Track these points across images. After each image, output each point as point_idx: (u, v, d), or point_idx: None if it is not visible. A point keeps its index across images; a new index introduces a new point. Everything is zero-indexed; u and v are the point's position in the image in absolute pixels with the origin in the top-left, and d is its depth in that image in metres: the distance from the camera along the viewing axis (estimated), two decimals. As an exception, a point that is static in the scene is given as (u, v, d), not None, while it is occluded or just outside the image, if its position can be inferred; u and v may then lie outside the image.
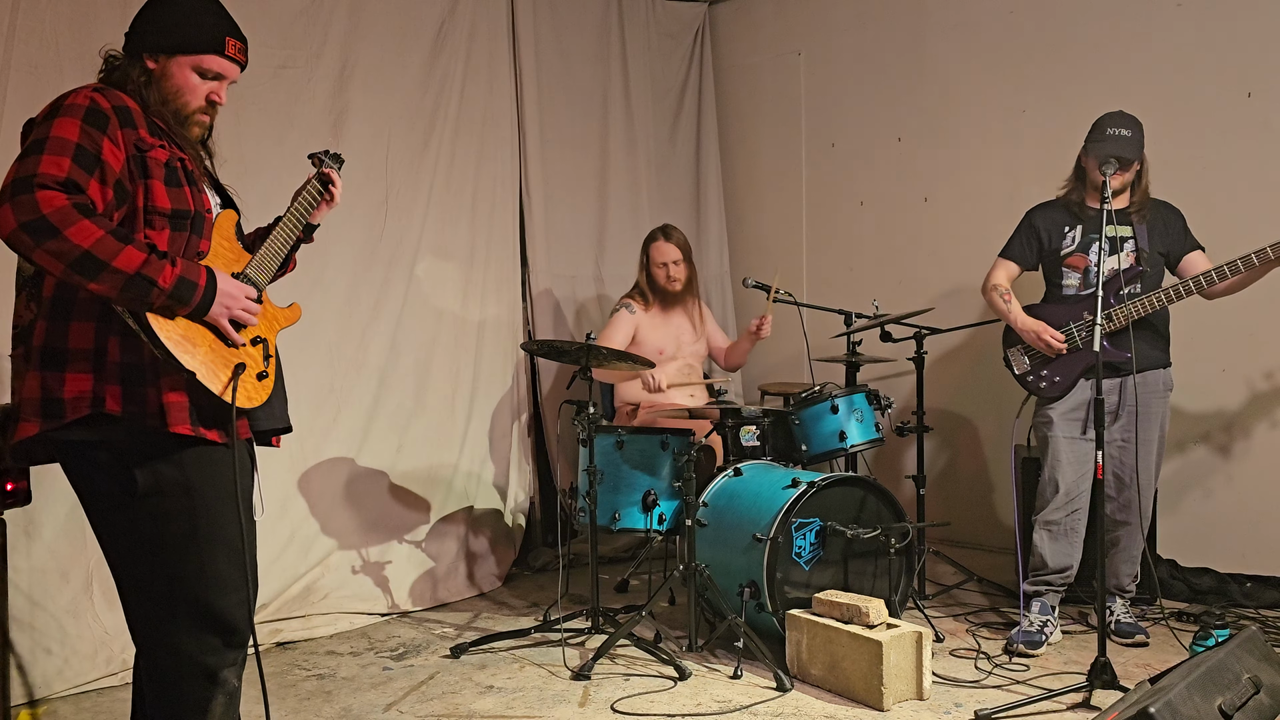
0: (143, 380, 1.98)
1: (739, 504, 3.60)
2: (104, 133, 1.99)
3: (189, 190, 2.10)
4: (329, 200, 2.43)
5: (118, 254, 1.91)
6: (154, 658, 2.09)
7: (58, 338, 1.99)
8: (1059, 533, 3.58)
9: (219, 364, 2.05)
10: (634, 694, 3.17)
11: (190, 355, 1.99)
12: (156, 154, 2.06)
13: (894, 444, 4.97)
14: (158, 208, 2.05)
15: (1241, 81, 4.13)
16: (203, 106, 2.20)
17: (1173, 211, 3.62)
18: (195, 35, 2.16)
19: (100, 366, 1.98)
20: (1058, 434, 3.56)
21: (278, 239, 2.29)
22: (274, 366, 2.20)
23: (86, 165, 1.96)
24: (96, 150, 1.97)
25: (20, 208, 1.87)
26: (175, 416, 1.98)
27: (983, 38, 4.92)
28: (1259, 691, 2.41)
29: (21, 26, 3.25)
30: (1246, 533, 4.12)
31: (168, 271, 1.96)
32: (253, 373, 2.12)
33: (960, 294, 4.82)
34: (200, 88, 2.18)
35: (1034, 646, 3.46)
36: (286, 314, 2.34)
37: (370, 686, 3.31)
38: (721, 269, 5.87)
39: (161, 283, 1.95)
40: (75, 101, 2.02)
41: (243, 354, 2.12)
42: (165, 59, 2.15)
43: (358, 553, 4.17)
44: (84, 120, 1.99)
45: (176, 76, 2.15)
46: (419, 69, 4.47)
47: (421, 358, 4.43)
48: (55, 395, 1.96)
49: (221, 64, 2.19)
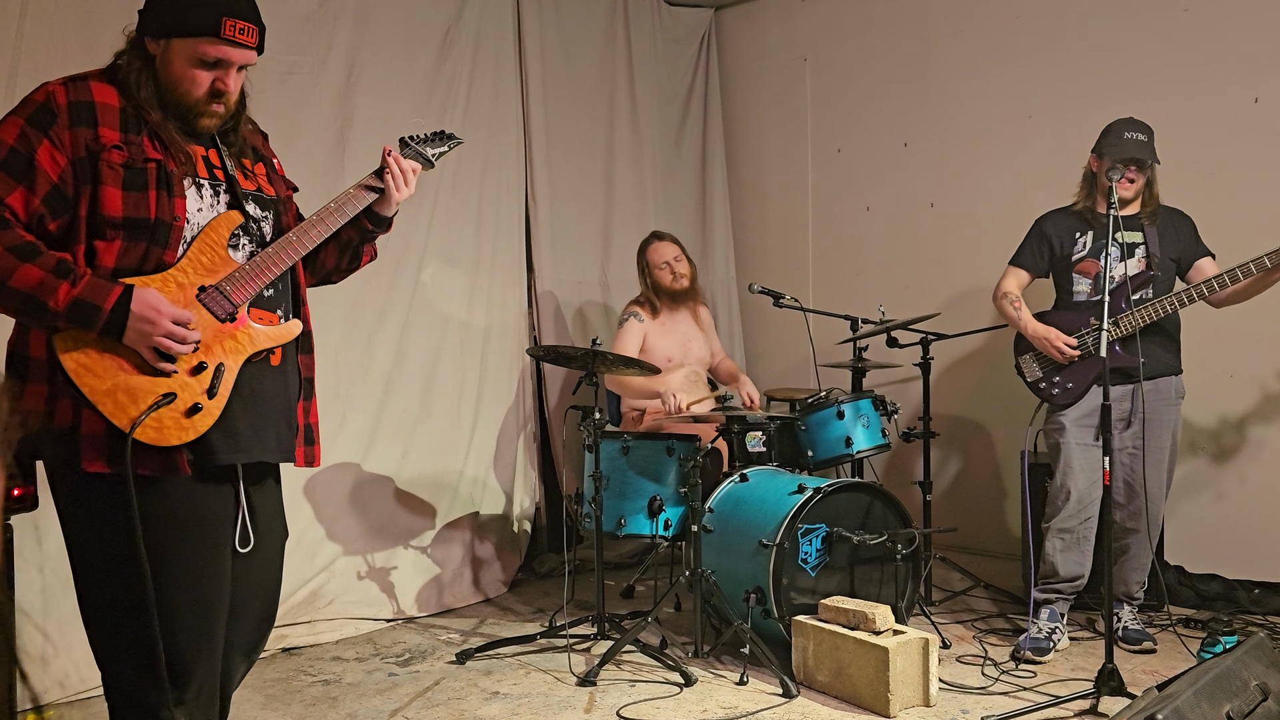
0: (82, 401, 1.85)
1: (745, 510, 3.59)
2: (45, 134, 1.85)
3: (155, 195, 1.92)
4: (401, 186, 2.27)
5: (13, 272, 1.78)
6: (104, 688, 1.99)
7: (21, 343, 1.91)
8: (1072, 541, 3.56)
9: (137, 393, 1.87)
10: (640, 700, 3.16)
11: (96, 382, 1.84)
12: (112, 156, 1.89)
13: (900, 450, 4.96)
14: (107, 216, 1.88)
15: (1248, 86, 4.13)
16: (205, 97, 1.99)
17: (1183, 218, 3.62)
18: (191, 17, 1.94)
19: (53, 379, 1.87)
20: (1070, 440, 3.55)
21: (281, 250, 2.08)
22: (222, 399, 1.96)
23: (14, 172, 1.83)
24: (30, 154, 1.84)
25: None
26: (87, 453, 1.85)
27: (989, 43, 4.91)
28: (1267, 698, 2.40)
29: (29, 33, 3.26)
30: (1254, 539, 4.10)
31: (61, 293, 1.80)
32: (181, 405, 1.90)
33: (966, 299, 4.81)
34: (201, 76, 1.97)
35: (1041, 654, 3.45)
36: (272, 334, 2.07)
37: (376, 692, 3.31)
38: (728, 274, 5.87)
39: (53, 305, 1.80)
40: (33, 97, 1.90)
41: (175, 383, 1.91)
42: (164, 44, 1.97)
43: (363, 558, 4.17)
44: (27, 120, 1.86)
45: (175, 64, 1.96)
46: (425, 75, 4.47)
47: (427, 363, 4.44)
48: (19, 405, 1.85)
49: (220, 48, 1.96)
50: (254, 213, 2.10)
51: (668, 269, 4.54)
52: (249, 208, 2.09)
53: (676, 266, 4.54)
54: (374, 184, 2.27)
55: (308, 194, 2.40)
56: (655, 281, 4.56)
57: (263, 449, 2.07)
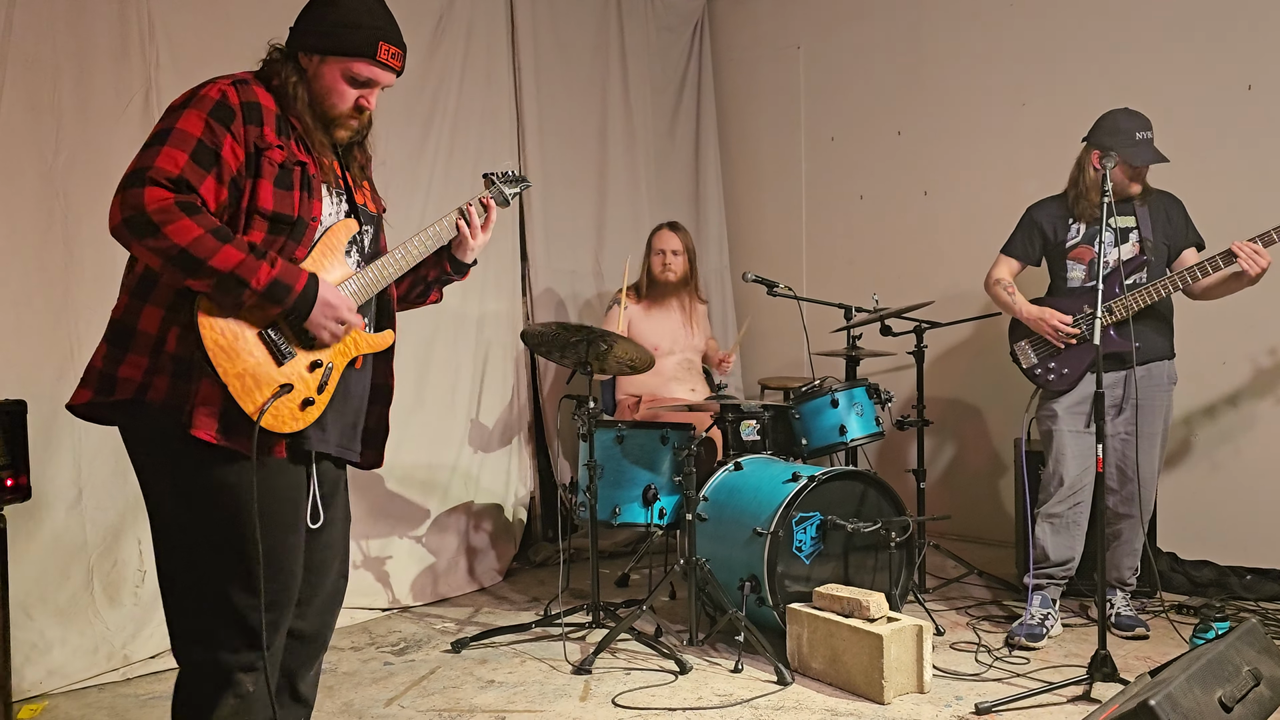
0: (188, 376, 1.96)
1: (739, 498, 3.60)
2: (228, 129, 1.98)
3: (299, 195, 2.07)
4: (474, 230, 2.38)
5: (215, 253, 1.90)
6: (175, 648, 2.09)
7: (131, 315, 2.00)
8: (1060, 526, 3.58)
9: (262, 380, 2.00)
10: (635, 688, 3.17)
11: (230, 364, 1.96)
12: (273, 154, 2.04)
13: (894, 438, 4.97)
14: (260, 208, 2.02)
15: (1242, 74, 4.13)
16: (349, 111, 2.16)
17: (1175, 202, 3.62)
18: (348, 38, 2.11)
19: (157, 354, 1.97)
20: (1062, 428, 3.56)
21: (389, 263, 2.22)
22: (328, 396, 2.12)
23: (204, 163, 1.95)
24: (217, 147, 1.96)
25: (127, 202, 1.88)
26: (201, 420, 1.95)
27: (982, 31, 4.91)
28: (1259, 684, 2.41)
29: (19, 21, 3.24)
30: (1247, 525, 4.11)
31: (263, 272, 1.95)
32: (297, 397, 2.05)
33: (960, 287, 4.81)
34: (349, 92, 2.15)
35: (1035, 640, 3.46)
36: (371, 340, 2.24)
37: (371, 681, 3.31)
38: (721, 263, 5.87)
39: (254, 284, 1.94)
40: (207, 93, 2.00)
41: (292, 374, 2.05)
42: (318, 59, 2.12)
43: (358, 548, 4.17)
44: (210, 114, 1.97)
45: (326, 78, 2.13)
46: (417, 63, 4.45)
47: (421, 353, 4.43)
48: (111, 371, 1.98)
49: (373, 70, 2.14)
50: (364, 224, 2.24)
51: (661, 257, 4.61)
52: (361, 219, 2.24)
53: (670, 259, 4.60)
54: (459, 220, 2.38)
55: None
56: (649, 266, 4.65)
57: (339, 445, 2.22)
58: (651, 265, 4.64)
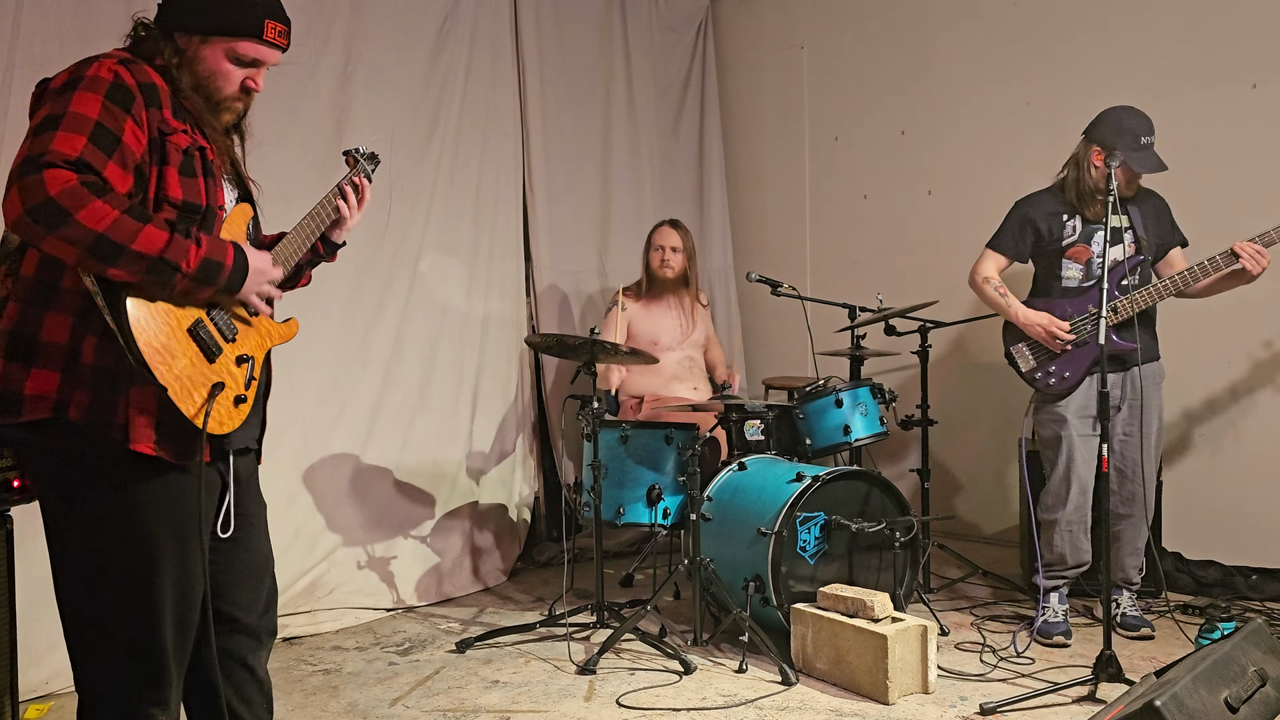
0: (115, 388, 1.80)
1: (743, 498, 3.60)
2: (128, 112, 1.82)
3: (204, 182, 1.93)
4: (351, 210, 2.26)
5: (136, 235, 1.74)
6: (82, 687, 1.92)
7: (31, 325, 1.81)
8: (1080, 531, 3.58)
9: (197, 380, 1.85)
10: (639, 688, 3.17)
11: (167, 367, 1.80)
12: (178, 139, 1.89)
13: (898, 437, 4.96)
14: (168, 197, 1.87)
15: (1246, 72, 4.12)
16: (236, 93, 2.02)
17: (1161, 201, 3.61)
18: (231, 17, 1.96)
19: (72, 367, 1.79)
20: (1073, 433, 3.52)
21: (288, 246, 2.12)
22: (254, 390, 2.00)
23: (105, 146, 1.78)
24: (118, 131, 1.80)
25: (26, 190, 1.69)
26: (139, 433, 1.80)
27: (986, 30, 4.91)
28: (1265, 684, 2.41)
29: (26, 25, 3.25)
30: (1252, 525, 4.11)
31: (192, 253, 1.81)
32: (230, 395, 1.92)
33: (964, 287, 4.77)
34: (235, 73, 2.00)
35: (1067, 635, 3.47)
36: (281, 330, 2.12)
37: (376, 681, 3.32)
38: (725, 263, 5.87)
39: (185, 267, 1.80)
40: (98, 74, 1.83)
41: (223, 372, 1.91)
42: (198, 40, 1.97)
43: (363, 548, 4.18)
44: (107, 96, 1.80)
45: (209, 60, 1.97)
46: (422, 65, 4.47)
47: (426, 353, 4.44)
48: (14, 389, 1.79)
49: (259, 50, 2.00)
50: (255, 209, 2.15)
51: (660, 253, 4.67)
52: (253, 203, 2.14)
53: (668, 255, 4.65)
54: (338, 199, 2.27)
55: (305, 185, 2.41)
56: (648, 261, 4.71)
57: (253, 435, 2.14)
58: (650, 261, 4.69)
